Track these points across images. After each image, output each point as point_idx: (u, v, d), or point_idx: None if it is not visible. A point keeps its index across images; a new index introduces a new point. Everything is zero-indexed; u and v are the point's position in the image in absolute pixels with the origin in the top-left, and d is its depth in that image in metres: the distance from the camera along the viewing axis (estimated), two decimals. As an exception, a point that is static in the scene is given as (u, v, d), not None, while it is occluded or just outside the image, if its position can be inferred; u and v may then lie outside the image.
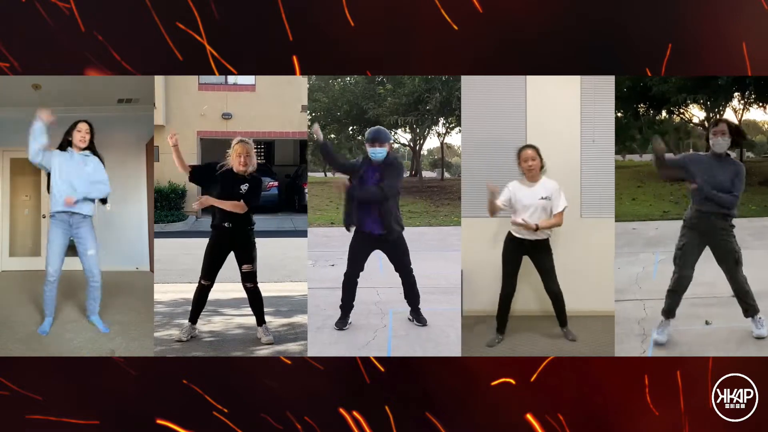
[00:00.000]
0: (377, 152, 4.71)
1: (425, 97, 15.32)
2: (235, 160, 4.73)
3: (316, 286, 5.92)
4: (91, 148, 4.91)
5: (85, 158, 4.86)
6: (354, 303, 4.92)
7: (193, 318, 4.86)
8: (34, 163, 4.72)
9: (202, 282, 4.81)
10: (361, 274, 4.89)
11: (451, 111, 15.31)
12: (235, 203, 4.70)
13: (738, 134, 4.35)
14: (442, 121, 16.72)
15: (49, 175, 4.85)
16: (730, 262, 4.39)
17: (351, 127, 17.62)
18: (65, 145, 4.86)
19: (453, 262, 5.29)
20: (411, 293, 4.93)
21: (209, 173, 4.82)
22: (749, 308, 4.45)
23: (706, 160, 4.37)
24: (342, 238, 5.05)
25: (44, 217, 7.49)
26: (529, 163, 4.51)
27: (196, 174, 4.84)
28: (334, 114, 17.29)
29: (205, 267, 4.81)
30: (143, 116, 7.12)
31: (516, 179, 4.64)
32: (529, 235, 4.54)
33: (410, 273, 4.90)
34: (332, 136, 17.53)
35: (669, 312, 4.45)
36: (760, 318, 4.45)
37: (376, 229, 4.77)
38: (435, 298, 4.96)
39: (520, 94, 5.19)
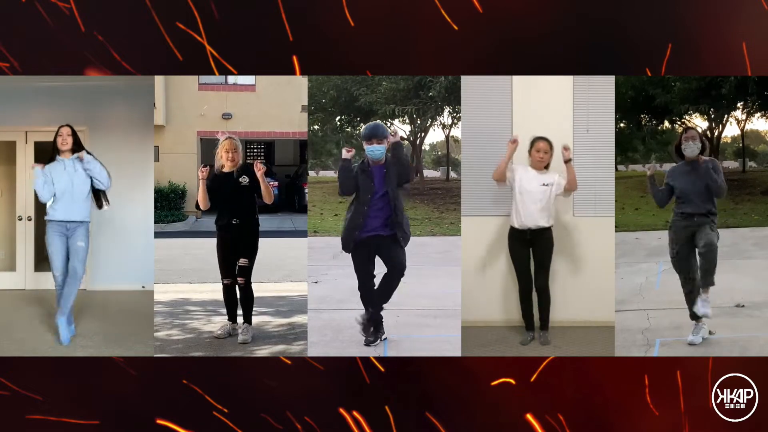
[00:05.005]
0: (376, 150, 4.35)
1: (427, 82, 13.19)
2: (224, 155, 4.78)
3: (322, 307, 5.64)
4: (78, 150, 4.77)
5: (75, 161, 4.75)
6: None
7: (232, 316, 4.90)
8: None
9: (225, 282, 4.87)
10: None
11: (458, 98, 13.92)
12: (267, 187, 4.73)
13: (705, 138, 4.59)
14: (447, 110, 14.01)
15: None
16: (708, 252, 4.44)
17: (339, 117, 14.92)
18: (55, 154, 4.77)
19: (459, 280, 4.75)
20: (386, 291, 4.44)
21: (216, 182, 4.82)
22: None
23: (683, 170, 4.56)
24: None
25: (20, 219, 6.63)
26: (541, 155, 4.57)
27: (213, 194, 4.83)
28: (319, 101, 14.44)
29: (222, 267, 4.86)
30: (143, 116, 6.97)
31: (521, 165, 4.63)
32: (530, 224, 4.56)
33: (402, 272, 4.43)
34: (316, 127, 14.73)
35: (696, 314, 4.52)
36: (700, 325, 4.51)
37: (382, 230, 4.36)
38: (439, 322, 4.50)
39: (508, 82, 4.93)
